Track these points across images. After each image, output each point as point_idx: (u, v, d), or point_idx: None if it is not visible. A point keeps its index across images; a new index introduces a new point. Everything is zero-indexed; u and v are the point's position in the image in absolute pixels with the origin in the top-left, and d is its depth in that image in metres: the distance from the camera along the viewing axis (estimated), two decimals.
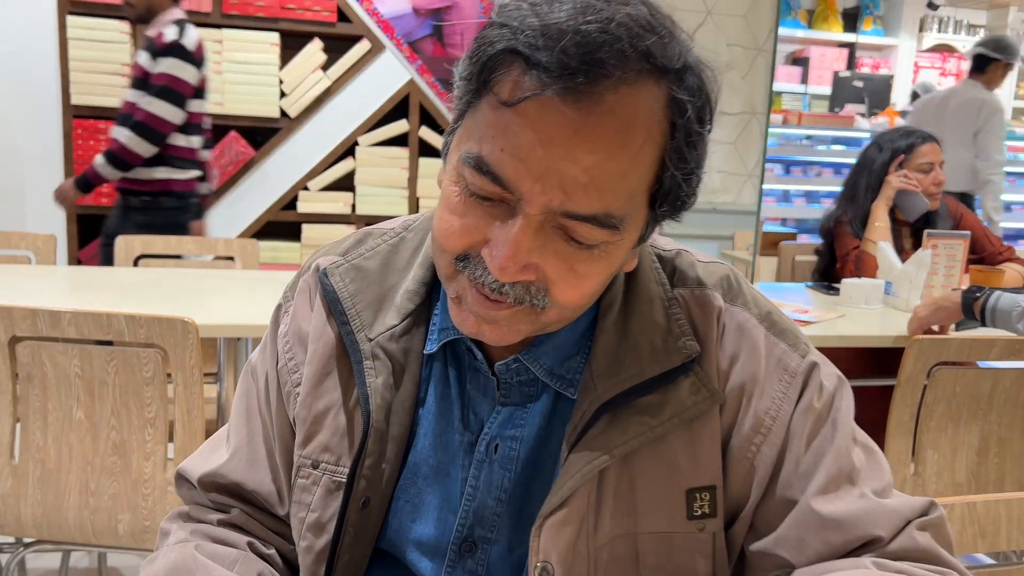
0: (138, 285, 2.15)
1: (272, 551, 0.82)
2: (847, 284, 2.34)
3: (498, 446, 0.76)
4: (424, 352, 0.79)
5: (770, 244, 4.31)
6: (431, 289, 0.80)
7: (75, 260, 3.56)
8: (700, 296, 0.77)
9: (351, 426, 0.78)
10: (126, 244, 2.50)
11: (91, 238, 3.61)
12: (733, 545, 0.75)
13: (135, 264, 2.51)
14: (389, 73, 3.73)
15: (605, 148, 0.61)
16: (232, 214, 3.70)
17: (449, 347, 0.79)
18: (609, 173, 0.62)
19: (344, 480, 0.77)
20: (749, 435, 0.74)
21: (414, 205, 3.81)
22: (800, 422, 0.74)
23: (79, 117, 3.44)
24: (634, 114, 0.61)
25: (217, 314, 1.85)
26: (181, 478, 0.87)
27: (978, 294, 1.81)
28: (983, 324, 1.84)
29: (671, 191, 0.66)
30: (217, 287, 2.19)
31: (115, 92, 3.42)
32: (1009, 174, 5.95)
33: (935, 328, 1.93)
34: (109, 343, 1.51)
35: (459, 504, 0.77)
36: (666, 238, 0.83)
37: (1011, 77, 7.15)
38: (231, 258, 2.65)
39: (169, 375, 1.53)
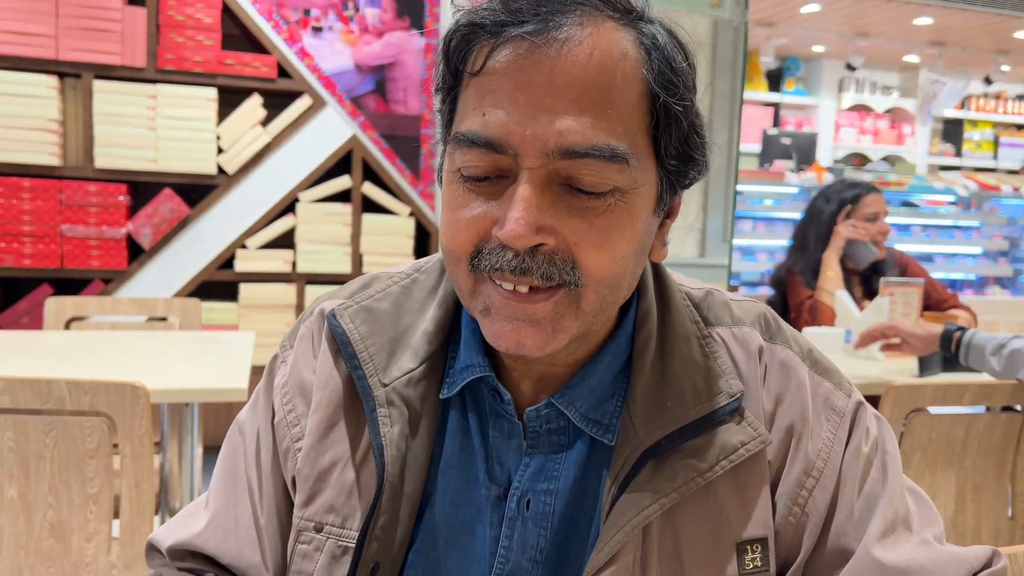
0: (73, 350, 2.00)
1: None
2: (808, 333, 2.35)
3: (531, 501, 0.69)
4: (441, 397, 0.72)
5: None
6: (450, 333, 0.74)
7: None
8: (739, 334, 0.73)
9: (360, 483, 0.70)
10: (56, 306, 2.34)
11: (12, 301, 3.39)
12: None
13: (66, 327, 2.35)
14: (331, 129, 3.67)
15: (587, 76, 0.59)
16: (166, 274, 3.54)
17: (468, 392, 0.72)
18: (596, 101, 0.59)
19: (351, 544, 0.69)
20: (800, 479, 0.69)
21: (357, 262, 3.71)
22: (851, 465, 0.70)
23: (1, 175, 3.26)
24: (604, 44, 0.60)
25: (161, 378, 1.72)
26: (151, 548, 0.78)
27: (957, 330, 1.84)
28: (955, 359, 1.86)
29: (672, 133, 0.63)
30: (158, 350, 2.05)
31: (42, 149, 3.26)
32: (926, 227, 6.20)
33: (894, 341, 1.96)
34: (47, 412, 1.38)
35: (487, 566, 0.69)
36: (693, 279, 0.79)
37: (924, 135, 7.53)
38: (164, 319, 2.50)
39: (115, 446, 1.40)
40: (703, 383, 0.68)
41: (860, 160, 7.58)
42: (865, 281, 2.69)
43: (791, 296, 2.69)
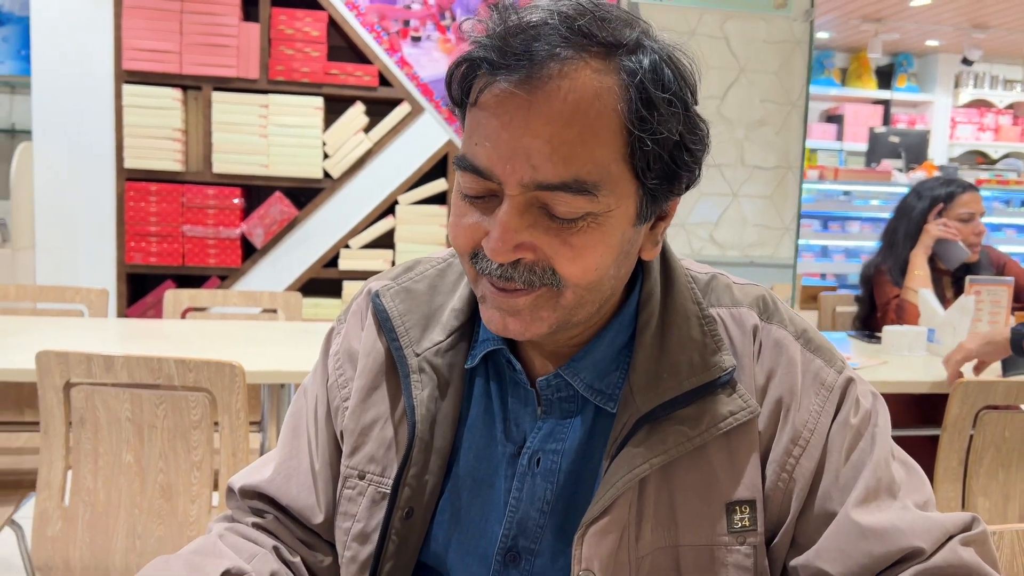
0: (186, 335, 2.21)
1: (297, 559, 0.84)
2: (889, 331, 2.32)
3: (540, 459, 0.78)
4: (466, 367, 0.82)
5: (810, 298, 4.28)
6: (475, 310, 0.83)
7: (124, 316, 3.65)
8: (736, 315, 0.79)
9: (397, 438, 0.81)
10: (174, 297, 2.57)
11: (140, 295, 3.71)
12: (775, 563, 0.75)
13: (183, 317, 2.58)
14: (428, 134, 3.83)
15: (560, 119, 0.65)
16: (276, 271, 3.78)
17: (491, 362, 0.82)
18: (568, 141, 0.65)
19: (388, 491, 0.79)
20: (788, 448, 0.75)
21: None
22: (838, 436, 0.75)
23: (132, 180, 3.57)
24: (583, 85, 0.66)
25: (262, 362, 1.89)
26: (229, 489, 0.91)
27: None
28: None
29: (649, 158, 0.68)
30: (262, 337, 2.24)
31: (167, 156, 3.56)
32: None
33: (971, 363, 1.91)
34: (159, 387, 1.56)
35: (503, 514, 0.78)
36: (703, 264, 0.86)
37: None
38: (275, 311, 2.71)
39: (216, 424, 1.57)
40: (699, 358, 0.75)
41: (982, 158, 7.23)
42: (957, 282, 2.62)
43: (878, 295, 2.65)
